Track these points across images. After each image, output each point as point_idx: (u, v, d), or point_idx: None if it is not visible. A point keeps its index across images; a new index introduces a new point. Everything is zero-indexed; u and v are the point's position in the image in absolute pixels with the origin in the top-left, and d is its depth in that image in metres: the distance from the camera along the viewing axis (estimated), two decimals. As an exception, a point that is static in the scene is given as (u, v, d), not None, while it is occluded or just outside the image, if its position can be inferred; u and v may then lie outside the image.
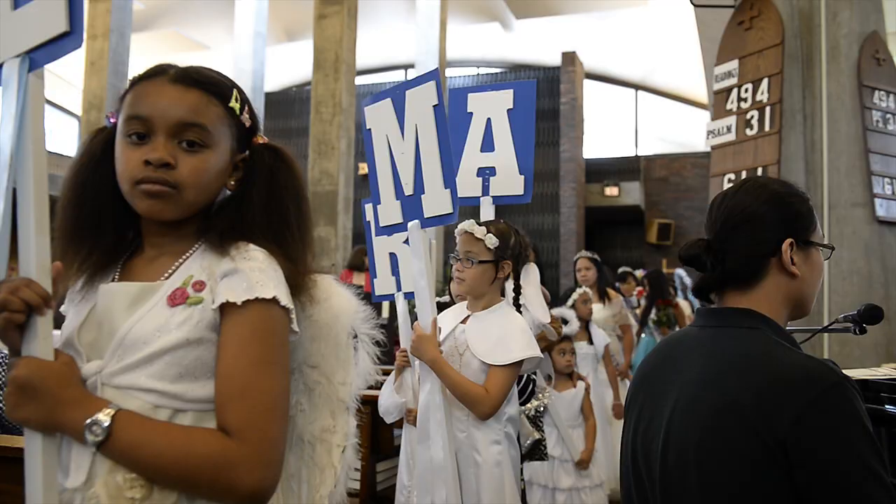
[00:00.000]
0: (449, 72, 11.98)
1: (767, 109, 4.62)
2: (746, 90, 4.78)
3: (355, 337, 1.20)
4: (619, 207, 13.82)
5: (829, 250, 1.29)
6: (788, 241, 1.24)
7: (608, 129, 15.66)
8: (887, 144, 4.47)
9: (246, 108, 1.13)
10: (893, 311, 4.14)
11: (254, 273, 1.02)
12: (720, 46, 5.09)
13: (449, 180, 2.14)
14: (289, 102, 15.51)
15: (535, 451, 3.16)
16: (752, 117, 4.71)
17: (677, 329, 6.02)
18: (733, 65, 4.91)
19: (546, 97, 13.66)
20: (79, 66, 10.46)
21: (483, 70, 15.08)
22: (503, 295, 2.47)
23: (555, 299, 4.56)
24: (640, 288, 6.98)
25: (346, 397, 1.16)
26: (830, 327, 1.82)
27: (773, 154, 4.52)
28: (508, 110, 2.66)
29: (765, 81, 4.66)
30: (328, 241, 8.39)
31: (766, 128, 4.60)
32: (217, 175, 1.09)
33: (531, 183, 2.61)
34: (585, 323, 4.52)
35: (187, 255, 1.09)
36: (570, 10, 13.63)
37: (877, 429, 1.40)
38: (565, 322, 3.77)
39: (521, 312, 2.64)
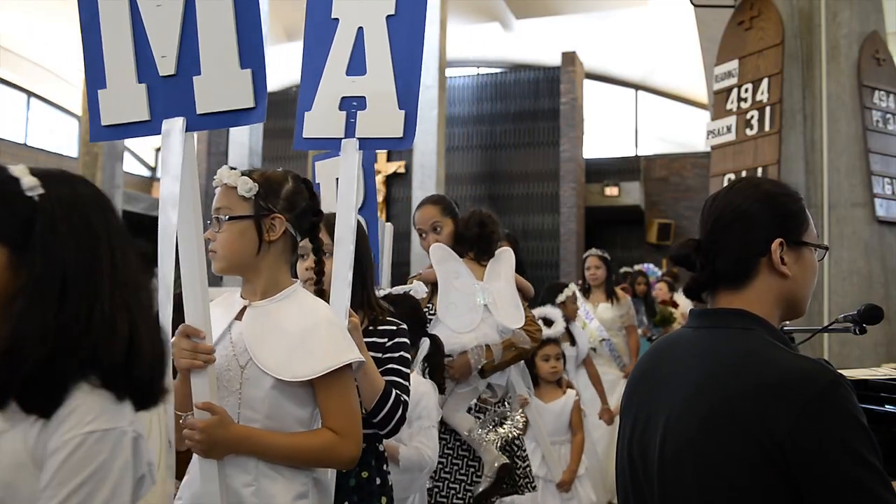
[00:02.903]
0: (449, 72, 11.93)
1: (767, 109, 4.62)
2: (746, 90, 4.78)
3: None
4: (619, 207, 13.80)
5: (822, 251, 1.28)
6: (778, 240, 1.23)
7: (608, 129, 15.65)
8: (887, 144, 4.47)
9: None
10: (893, 311, 4.14)
11: None
12: (720, 46, 5.09)
13: (250, 58, 1.50)
14: (289, 102, 15.43)
15: (503, 483, 2.52)
16: (752, 117, 4.71)
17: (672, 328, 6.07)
18: (733, 65, 4.91)
19: (546, 97, 13.64)
20: (78, 67, 10.46)
21: (483, 70, 15.06)
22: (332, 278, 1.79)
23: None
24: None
25: None
26: (830, 327, 1.82)
27: (773, 154, 4.52)
28: (389, 17, 1.88)
29: (765, 81, 4.66)
30: (328, 240, 8.38)
31: (766, 128, 4.60)
32: None
33: (414, 121, 1.85)
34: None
35: None
36: (570, 10, 13.62)
37: (877, 429, 1.40)
38: (549, 323, 3.36)
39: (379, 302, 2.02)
